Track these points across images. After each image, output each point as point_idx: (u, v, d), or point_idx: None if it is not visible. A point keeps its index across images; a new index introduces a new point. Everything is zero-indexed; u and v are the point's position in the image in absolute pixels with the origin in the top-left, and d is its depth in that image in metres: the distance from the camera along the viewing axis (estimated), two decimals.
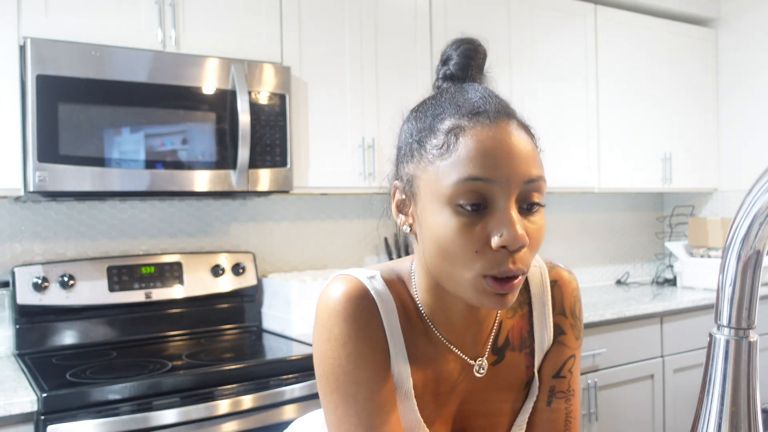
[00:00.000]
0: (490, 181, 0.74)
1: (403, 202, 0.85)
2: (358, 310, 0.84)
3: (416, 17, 2.68)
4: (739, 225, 0.51)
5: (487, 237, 0.75)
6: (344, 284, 0.86)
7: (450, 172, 0.76)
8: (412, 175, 0.81)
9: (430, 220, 0.78)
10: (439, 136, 0.78)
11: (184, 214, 2.53)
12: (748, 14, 3.59)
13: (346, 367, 0.83)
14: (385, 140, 2.58)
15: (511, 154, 0.75)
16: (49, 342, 2.18)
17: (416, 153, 0.81)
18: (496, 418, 0.94)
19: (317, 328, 0.86)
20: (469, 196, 0.75)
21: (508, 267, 0.75)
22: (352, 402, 0.83)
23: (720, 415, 0.53)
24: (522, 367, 0.94)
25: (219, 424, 1.85)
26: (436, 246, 0.78)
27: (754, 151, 3.57)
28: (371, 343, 0.84)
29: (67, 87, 1.93)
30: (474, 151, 0.75)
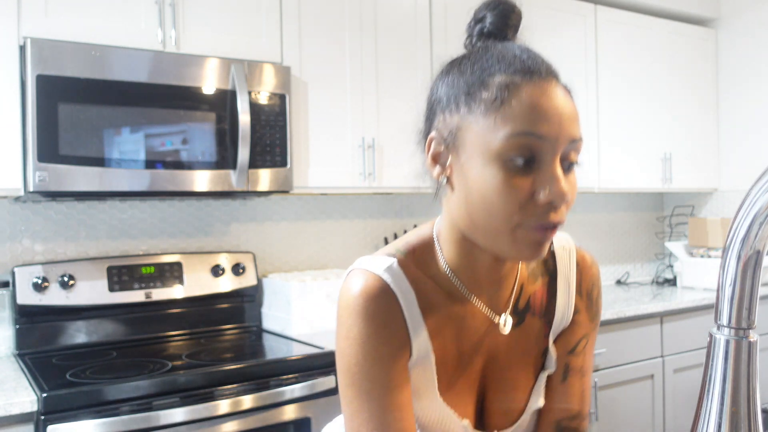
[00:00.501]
0: (541, 138, 0.77)
1: (440, 154, 0.86)
2: (378, 310, 0.86)
3: (416, 17, 2.68)
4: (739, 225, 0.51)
5: (532, 191, 0.78)
6: (363, 281, 0.87)
7: (502, 126, 0.77)
8: (457, 127, 0.82)
9: (475, 173, 0.80)
10: (491, 90, 0.79)
11: (184, 214, 2.53)
12: (748, 14, 3.59)
13: (363, 365, 0.85)
14: (385, 140, 2.58)
15: (560, 113, 0.78)
16: (49, 342, 2.18)
17: (463, 105, 0.82)
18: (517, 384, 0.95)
19: (338, 325, 0.89)
20: (519, 150, 0.77)
21: (550, 218, 0.78)
22: (365, 398, 0.85)
23: (720, 415, 0.52)
24: (540, 333, 0.97)
25: (219, 424, 1.85)
26: (480, 197, 0.80)
27: (754, 151, 3.57)
28: (389, 341, 0.86)
29: (67, 87, 1.93)
30: (527, 107, 0.77)
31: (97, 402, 1.71)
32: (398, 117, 2.62)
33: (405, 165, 2.63)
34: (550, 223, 0.79)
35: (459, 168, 0.83)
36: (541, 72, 0.80)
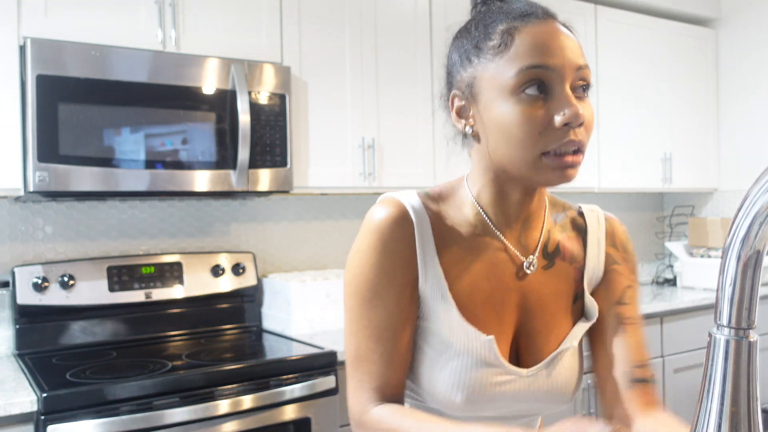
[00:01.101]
0: (548, 68, 0.84)
1: (462, 107, 0.92)
2: (387, 226, 0.92)
3: (416, 17, 2.68)
4: (739, 225, 0.51)
5: (549, 118, 0.84)
6: (384, 205, 0.94)
7: (510, 65, 0.85)
8: (472, 78, 0.89)
9: (495, 112, 0.87)
10: (495, 38, 0.87)
11: (184, 214, 2.53)
12: (748, 14, 3.59)
13: (367, 275, 0.92)
14: (385, 140, 2.58)
15: (562, 44, 0.85)
16: (49, 342, 2.18)
17: (473, 57, 0.89)
18: (552, 326, 0.97)
19: (354, 244, 0.95)
20: (530, 82, 0.84)
21: (570, 138, 0.84)
22: (366, 306, 0.92)
23: (720, 415, 0.52)
24: (571, 278, 1.00)
25: (219, 424, 1.85)
26: (502, 133, 0.86)
27: (754, 151, 3.57)
28: (395, 258, 0.92)
29: (67, 87, 1.93)
30: (530, 43, 0.85)
31: (97, 402, 1.71)
32: (398, 117, 2.62)
33: (405, 165, 2.63)
34: (572, 144, 0.84)
35: (480, 115, 0.89)
36: (539, 14, 0.87)
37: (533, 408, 0.96)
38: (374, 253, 0.92)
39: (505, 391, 0.93)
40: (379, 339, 0.92)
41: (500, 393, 0.93)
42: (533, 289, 0.97)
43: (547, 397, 0.96)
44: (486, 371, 0.92)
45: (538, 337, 0.96)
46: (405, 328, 0.93)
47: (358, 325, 0.93)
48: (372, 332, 0.92)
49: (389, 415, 0.89)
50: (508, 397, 0.94)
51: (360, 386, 0.93)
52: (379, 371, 0.92)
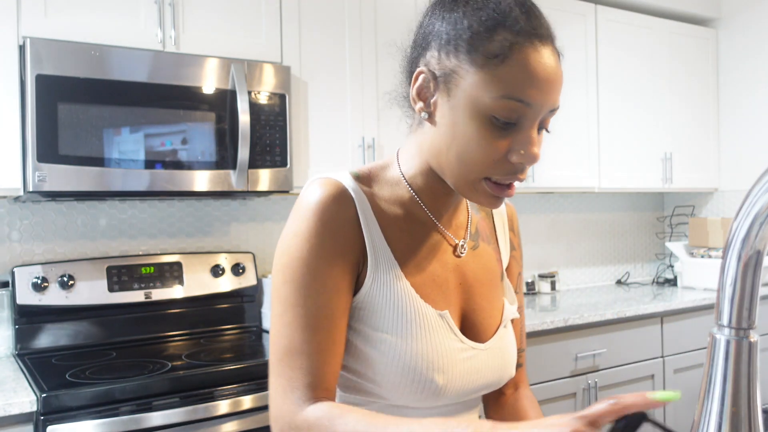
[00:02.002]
0: (529, 105, 0.81)
1: (426, 88, 0.87)
2: (329, 205, 0.87)
3: (416, 17, 2.68)
4: (739, 225, 0.51)
5: (507, 150, 0.83)
6: (318, 185, 0.89)
7: (495, 85, 0.81)
8: (452, 71, 0.84)
9: (459, 121, 0.84)
10: (494, 44, 0.81)
11: (184, 214, 2.53)
12: (748, 14, 3.59)
13: (307, 258, 0.85)
14: (385, 140, 2.58)
15: (551, 83, 0.82)
16: (49, 342, 2.18)
17: (463, 51, 0.83)
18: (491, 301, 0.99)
19: (286, 227, 0.89)
20: (506, 113, 0.81)
21: (517, 177, 0.85)
22: (303, 292, 0.85)
23: (720, 415, 0.52)
24: (494, 258, 1.03)
25: (219, 424, 1.85)
26: (456, 143, 0.84)
27: (754, 151, 3.57)
28: (338, 240, 0.87)
29: (67, 87, 1.93)
30: (522, 72, 0.80)
31: (97, 402, 1.71)
32: (398, 117, 2.61)
33: None
34: (516, 179, 0.85)
35: (444, 110, 0.85)
36: (542, 35, 0.82)
37: (487, 385, 0.96)
38: (315, 235, 0.86)
39: (470, 367, 0.92)
40: (316, 328, 0.85)
41: (468, 370, 0.92)
42: (469, 269, 0.98)
43: (500, 372, 0.97)
44: (452, 348, 0.91)
45: (482, 313, 0.97)
46: (342, 317, 0.87)
47: (293, 315, 0.85)
48: (308, 321, 0.85)
49: (328, 415, 0.80)
50: (474, 373, 0.93)
51: (290, 385, 0.84)
52: (314, 365, 0.84)
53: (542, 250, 3.50)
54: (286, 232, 0.89)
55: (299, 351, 0.84)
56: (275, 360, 0.86)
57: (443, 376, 0.88)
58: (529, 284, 3.37)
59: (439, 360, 0.89)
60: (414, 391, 0.88)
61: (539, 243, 3.49)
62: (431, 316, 0.90)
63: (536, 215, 3.47)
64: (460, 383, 0.91)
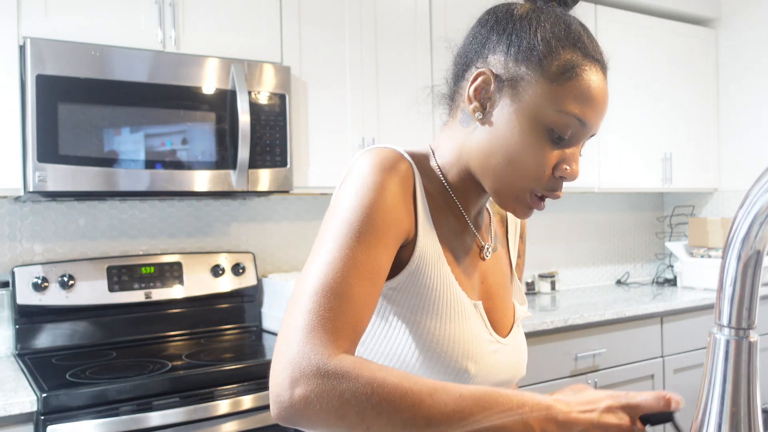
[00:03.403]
0: (584, 125, 0.85)
1: (485, 89, 0.88)
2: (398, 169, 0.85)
3: (416, 17, 2.68)
4: (739, 225, 0.51)
5: (555, 164, 0.86)
6: (380, 151, 0.86)
7: (562, 99, 0.84)
8: (521, 78, 0.85)
9: (518, 129, 0.85)
10: (563, 61, 0.84)
11: (184, 214, 2.53)
12: (748, 14, 3.59)
13: (368, 209, 0.80)
14: (385, 140, 2.58)
15: (603, 108, 0.87)
16: (49, 342, 2.18)
17: (535, 61, 0.85)
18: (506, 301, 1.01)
19: (347, 185, 0.83)
20: (565, 128, 0.84)
21: (556, 193, 0.88)
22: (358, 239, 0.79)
23: (720, 415, 0.52)
24: (506, 261, 1.06)
25: (219, 424, 1.85)
26: (510, 153, 0.86)
27: (754, 151, 3.57)
28: (401, 200, 0.84)
29: (67, 87, 1.93)
30: (585, 92, 0.84)
31: (97, 402, 1.71)
32: (398, 117, 2.62)
33: None
34: (553, 196, 0.88)
35: (504, 114, 0.86)
36: (602, 62, 0.87)
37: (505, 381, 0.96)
38: (383, 191, 0.82)
39: (496, 360, 0.93)
40: (360, 277, 0.77)
41: (494, 363, 0.93)
42: (490, 270, 0.99)
43: (517, 367, 0.98)
44: (484, 339, 0.92)
45: (499, 312, 0.98)
46: (382, 281, 0.81)
47: (341, 255, 0.78)
48: (355, 268, 0.78)
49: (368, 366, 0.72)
50: (498, 367, 0.94)
51: (320, 324, 0.74)
52: (351, 312, 0.76)
53: (542, 250, 3.50)
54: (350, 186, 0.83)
55: (338, 292, 0.76)
56: (308, 296, 0.76)
57: (475, 365, 0.89)
58: (529, 284, 3.37)
59: (474, 349, 0.89)
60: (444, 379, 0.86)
61: (539, 243, 3.49)
62: (468, 304, 0.91)
63: (536, 215, 3.47)
64: (486, 375, 0.91)
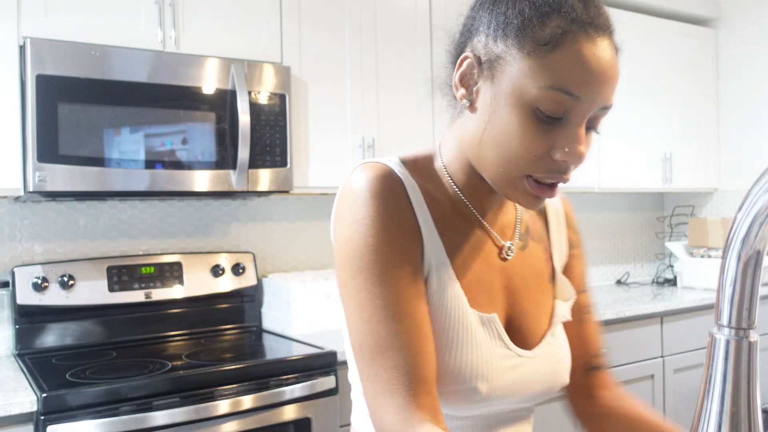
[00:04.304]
0: (577, 99, 0.75)
1: (470, 74, 0.81)
2: (386, 189, 0.80)
3: (416, 17, 2.68)
4: (739, 225, 0.51)
5: (551, 146, 0.76)
6: (366, 170, 0.82)
7: (543, 73, 0.74)
8: (498, 57, 0.77)
9: (502, 112, 0.77)
10: (545, 31, 0.74)
11: (184, 214, 2.53)
12: (748, 14, 3.59)
13: (374, 245, 0.78)
14: (385, 140, 2.58)
15: (604, 77, 0.75)
16: (49, 342, 2.18)
17: (512, 37, 0.76)
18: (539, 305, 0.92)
19: (339, 218, 0.82)
20: (552, 105, 0.75)
21: (561, 177, 0.78)
22: (378, 283, 0.78)
23: (720, 415, 0.52)
24: (543, 258, 0.96)
25: (219, 424, 1.85)
26: (497, 138, 0.78)
27: (754, 151, 3.57)
28: (400, 221, 0.80)
29: (67, 87, 1.93)
30: (573, 62, 0.74)
31: (97, 402, 1.71)
32: (398, 117, 2.62)
33: None
34: (559, 179, 0.78)
35: (486, 98, 0.79)
36: (599, 26, 0.76)
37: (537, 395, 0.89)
38: (377, 220, 0.78)
39: (517, 376, 0.85)
40: (400, 319, 0.77)
41: (514, 379, 0.85)
42: (516, 271, 0.91)
43: (550, 380, 0.90)
44: (498, 355, 0.84)
45: (529, 318, 0.90)
46: (423, 305, 0.80)
47: (372, 309, 0.77)
48: (390, 312, 0.77)
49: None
50: (521, 383, 0.86)
51: (388, 389, 0.76)
52: (409, 360, 0.76)
53: None
54: (343, 222, 0.81)
55: (389, 346, 0.76)
56: (365, 363, 0.78)
57: (487, 384, 0.82)
58: None
59: (485, 367, 0.82)
60: (455, 400, 0.82)
61: None
62: (477, 321, 0.84)
63: None
64: (504, 392, 0.85)
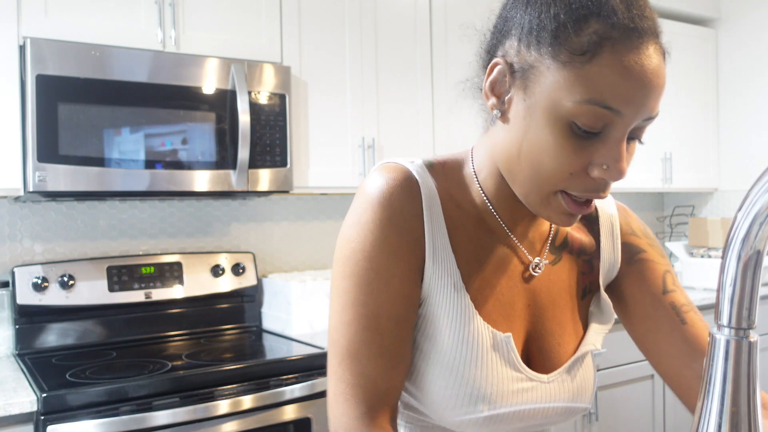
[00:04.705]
0: (618, 114, 0.68)
1: (501, 81, 0.75)
2: (396, 195, 0.78)
3: (416, 17, 2.68)
4: (739, 225, 0.51)
5: (587, 162, 0.70)
6: (383, 171, 0.80)
7: (580, 86, 0.68)
8: (532, 66, 0.71)
9: (535, 125, 0.71)
10: (582, 38, 0.68)
11: (184, 214, 2.53)
12: (748, 14, 3.59)
13: (370, 252, 0.77)
14: (385, 140, 2.58)
15: (648, 88, 0.68)
16: (49, 342, 2.18)
17: (546, 44, 0.70)
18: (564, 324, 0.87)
19: (348, 215, 0.80)
20: (589, 120, 0.68)
21: (599, 195, 0.72)
22: (366, 290, 0.77)
23: (720, 415, 0.52)
24: (575, 271, 0.89)
25: (219, 424, 1.85)
26: (530, 152, 0.72)
27: (754, 151, 3.57)
28: (403, 232, 0.77)
29: (67, 87, 1.93)
30: (614, 74, 0.67)
31: (97, 402, 1.71)
32: (398, 117, 2.62)
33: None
34: (596, 197, 0.73)
35: (519, 109, 0.73)
36: (643, 30, 0.68)
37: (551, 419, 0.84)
38: (379, 227, 0.77)
39: (526, 400, 0.81)
40: (378, 331, 0.76)
41: (522, 403, 0.80)
42: (543, 288, 0.86)
43: (566, 406, 0.84)
44: (506, 377, 0.80)
45: (552, 339, 0.85)
46: (409, 320, 0.78)
47: (354, 313, 0.77)
48: (370, 322, 0.76)
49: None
50: (530, 407, 0.81)
51: (351, 392, 0.76)
52: (378, 372, 0.76)
53: None
54: (347, 222, 0.80)
55: (362, 353, 0.77)
56: (335, 362, 0.78)
57: (489, 405, 0.78)
58: None
59: (488, 388, 0.78)
60: (457, 416, 0.79)
61: None
62: (488, 338, 0.79)
63: None
64: (509, 416, 0.80)
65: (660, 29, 0.72)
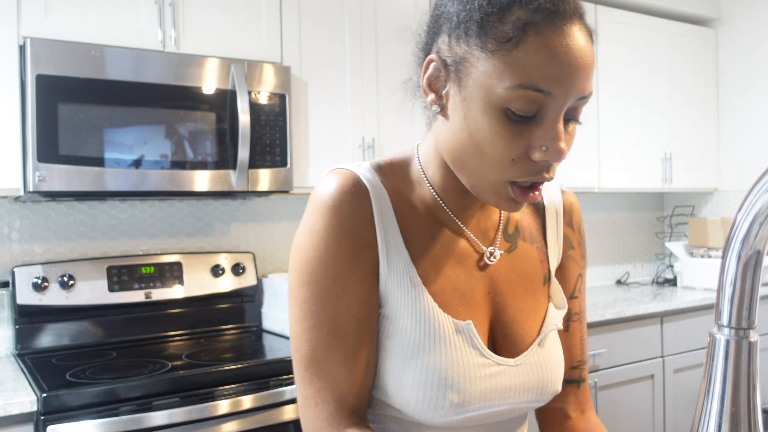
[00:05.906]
0: (549, 95, 0.70)
1: (437, 78, 0.78)
2: (345, 200, 0.79)
3: (416, 17, 2.68)
4: (739, 225, 0.51)
5: (528, 146, 0.72)
6: (334, 178, 0.81)
7: (509, 72, 0.70)
8: (463, 58, 0.74)
9: (472, 115, 0.73)
10: (506, 26, 0.70)
11: (184, 214, 2.53)
12: (748, 14, 3.59)
13: (324, 259, 0.78)
14: (385, 140, 2.58)
15: (576, 67, 0.70)
16: (49, 342, 2.18)
17: (473, 35, 0.72)
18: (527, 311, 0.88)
19: (301, 224, 0.82)
20: (523, 104, 0.70)
21: (543, 176, 0.74)
22: (324, 297, 0.78)
23: (720, 415, 0.52)
24: (536, 259, 0.91)
25: (219, 424, 1.85)
26: (472, 143, 0.74)
27: (754, 151, 3.57)
28: (355, 236, 0.79)
29: (67, 87, 1.93)
30: (540, 57, 0.69)
31: (97, 402, 1.71)
32: (398, 117, 2.62)
33: None
34: (541, 180, 0.75)
35: (456, 102, 0.76)
36: (566, 13, 0.71)
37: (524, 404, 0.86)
38: (331, 233, 0.78)
39: (496, 385, 0.82)
40: (340, 336, 0.78)
41: (491, 388, 0.82)
42: (501, 276, 0.87)
43: (538, 389, 0.86)
44: (472, 364, 0.81)
45: (516, 325, 0.86)
46: (369, 322, 0.80)
47: (315, 320, 0.78)
48: (331, 328, 0.78)
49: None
50: (500, 392, 0.83)
51: (319, 397, 0.79)
52: (343, 374, 0.78)
53: None
54: (301, 229, 0.81)
55: (325, 359, 0.78)
56: (301, 368, 0.80)
57: (458, 394, 0.79)
58: None
59: (455, 376, 0.79)
60: (427, 409, 0.79)
61: None
62: (449, 327, 0.81)
63: None
64: (481, 403, 0.81)
65: (583, 10, 0.74)
